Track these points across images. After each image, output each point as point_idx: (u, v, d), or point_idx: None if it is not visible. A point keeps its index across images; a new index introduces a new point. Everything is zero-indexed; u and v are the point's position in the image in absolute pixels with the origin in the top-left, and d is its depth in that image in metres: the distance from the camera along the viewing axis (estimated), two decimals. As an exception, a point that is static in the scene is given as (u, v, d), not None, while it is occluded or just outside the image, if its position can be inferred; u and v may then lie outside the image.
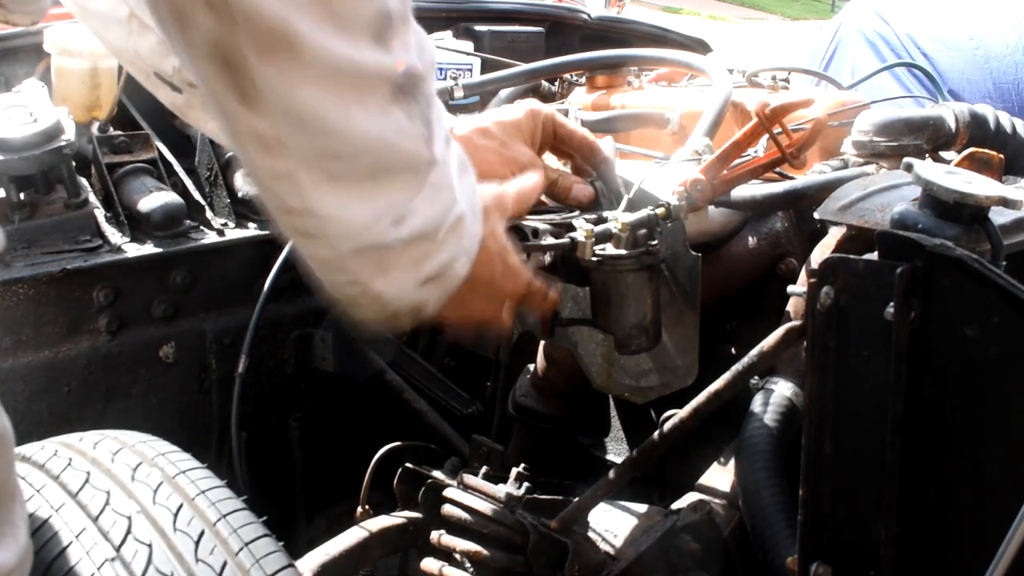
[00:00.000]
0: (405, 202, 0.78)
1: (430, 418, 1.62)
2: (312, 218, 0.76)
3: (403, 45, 0.74)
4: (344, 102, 0.71)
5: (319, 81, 0.70)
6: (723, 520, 1.14)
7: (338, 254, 0.79)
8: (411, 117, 0.76)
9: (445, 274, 0.85)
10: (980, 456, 0.85)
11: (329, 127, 0.72)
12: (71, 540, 0.83)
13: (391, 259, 0.81)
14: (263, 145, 0.73)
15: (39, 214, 1.55)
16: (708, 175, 1.16)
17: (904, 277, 0.84)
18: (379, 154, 0.75)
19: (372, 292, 0.83)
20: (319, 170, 0.74)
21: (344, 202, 0.76)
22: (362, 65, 0.71)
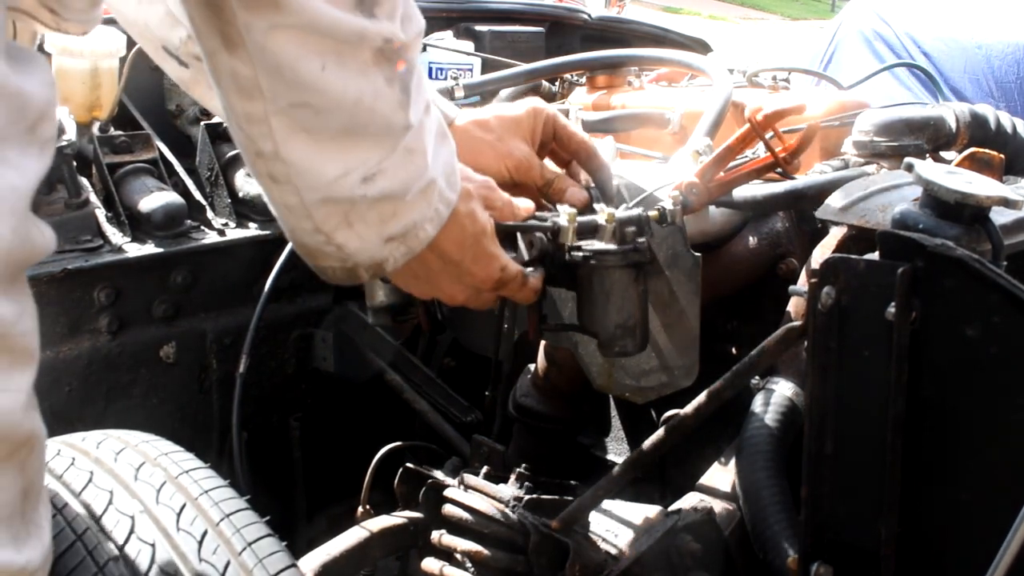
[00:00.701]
0: (377, 162, 0.81)
1: (430, 418, 1.62)
2: (282, 164, 0.79)
3: (387, 14, 0.78)
4: (321, 58, 0.75)
5: (297, 35, 0.74)
6: (723, 520, 1.14)
7: (304, 202, 0.82)
8: (390, 82, 0.79)
9: (409, 234, 0.87)
10: (980, 456, 0.85)
11: (304, 80, 0.75)
12: (74, 540, 0.83)
13: (356, 213, 0.83)
14: (241, 88, 0.76)
15: (39, 214, 1.54)
16: (703, 178, 1.16)
17: (905, 277, 0.84)
18: (354, 113, 0.78)
19: (335, 242, 0.85)
20: (292, 119, 0.77)
21: (315, 153, 0.79)
22: (343, 26, 0.75)
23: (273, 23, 0.73)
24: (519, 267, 1.00)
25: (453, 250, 0.93)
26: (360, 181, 0.81)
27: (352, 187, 0.81)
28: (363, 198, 0.82)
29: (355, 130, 0.80)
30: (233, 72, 0.76)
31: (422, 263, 0.93)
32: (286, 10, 0.72)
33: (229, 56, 0.75)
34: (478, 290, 0.99)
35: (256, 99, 0.76)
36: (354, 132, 0.80)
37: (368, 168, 0.81)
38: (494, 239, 0.97)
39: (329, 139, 0.79)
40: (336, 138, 0.79)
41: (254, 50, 0.74)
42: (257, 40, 0.73)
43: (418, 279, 0.96)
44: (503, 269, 0.98)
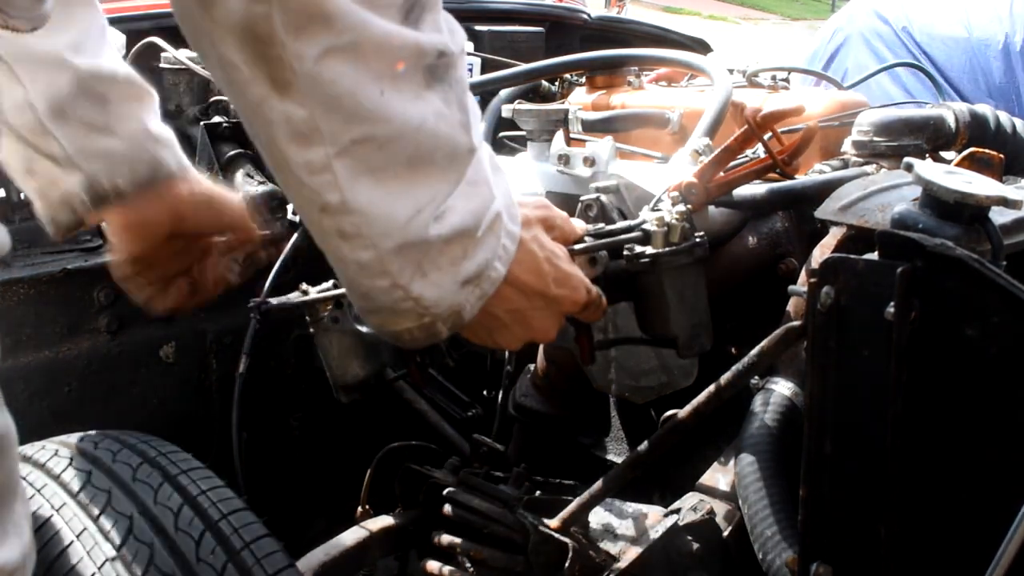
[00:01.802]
0: (445, 195, 0.76)
1: (430, 418, 1.62)
2: (351, 215, 0.73)
3: (434, 26, 0.73)
4: (379, 83, 0.69)
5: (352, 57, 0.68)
6: (723, 520, 1.14)
7: (379, 253, 0.76)
8: (447, 102, 0.74)
9: (483, 275, 0.81)
10: (980, 456, 0.85)
11: (365, 109, 0.70)
12: (72, 540, 0.83)
13: (429, 260, 0.77)
14: (297, 134, 0.71)
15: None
16: (702, 179, 1.16)
17: (904, 277, 0.84)
18: (420, 140, 0.73)
19: (412, 295, 0.78)
20: (356, 160, 0.71)
21: (384, 195, 0.73)
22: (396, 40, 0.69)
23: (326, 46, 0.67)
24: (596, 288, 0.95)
25: (532, 280, 0.87)
26: (432, 220, 0.75)
27: (426, 226, 0.75)
28: (437, 237, 0.76)
29: (421, 161, 0.74)
30: (287, 118, 0.70)
31: (505, 304, 0.86)
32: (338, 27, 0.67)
33: (280, 100, 0.69)
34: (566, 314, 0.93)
35: (315, 143, 0.71)
36: (420, 163, 0.74)
37: (437, 203, 0.75)
38: (569, 260, 0.92)
39: (395, 176, 0.73)
40: (403, 174, 0.73)
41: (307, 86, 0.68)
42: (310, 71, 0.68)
43: (503, 326, 0.89)
44: (588, 289, 0.93)
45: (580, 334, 1.02)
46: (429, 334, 0.83)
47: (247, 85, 0.70)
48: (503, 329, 0.89)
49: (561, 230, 0.94)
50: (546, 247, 0.89)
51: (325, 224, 0.75)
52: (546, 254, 0.88)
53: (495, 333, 0.90)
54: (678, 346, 1.02)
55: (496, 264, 0.82)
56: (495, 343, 0.91)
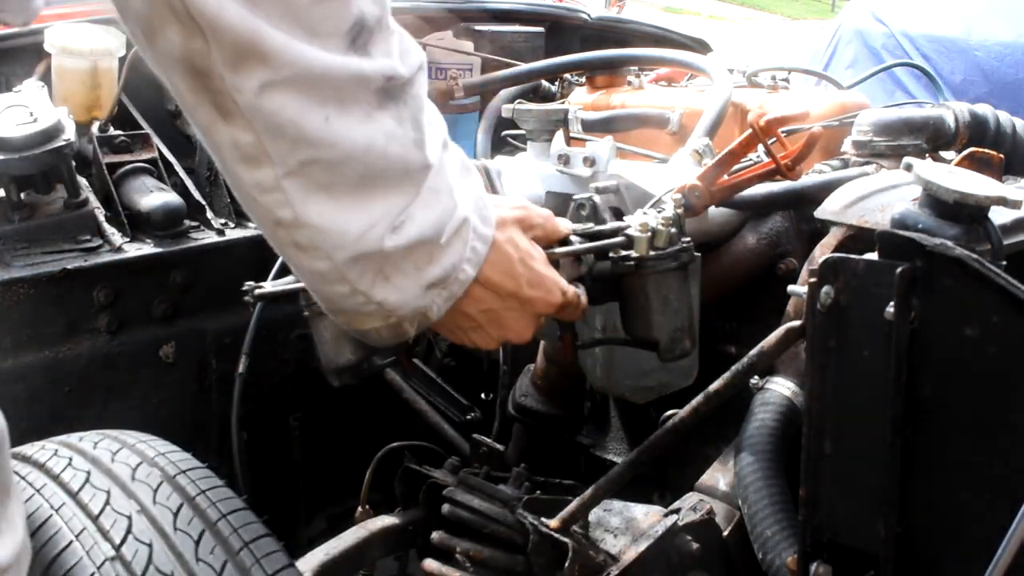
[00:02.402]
0: (401, 208, 0.77)
1: (430, 418, 1.62)
2: (304, 229, 0.75)
3: (383, 51, 0.73)
4: (323, 109, 0.71)
5: (293, 89, 0.69)
6: (723, 520, 1.14)
7: (334, 265, 0.78)
8: (400, 121, 0.75)
9: (449, 278, 0.83)
10: (980, 455, 0.85)
11: (309, 135, 0.71)
12: (71, 540, 0.83)
13: (391, 266, 0.79)
14: (246, 157, 0.72)
15: (39, 214, 1.55)
16: (705, 181, 1.16)
17: (904, 277, 0.84)
18: (369, 161, 0.74)
19: (375, 300, 0.81)
20: (307, 179, 0.73)
21: (337, 211, 0.75)
22: (338, 71, 0.71)
23: (263, 81, 0.68)
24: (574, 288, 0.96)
25: (505, 281, 0.88)
26: (389, 231, 0.77)
27: (380, 239, 0.77)
28: (395, 248, 0.78)
29: (373, 179, 0.75)
30: (234, 142, 0.72)
31: (477, 304, 0.88)
32: (275, 64, 0.68)
33: (226, 126, 0.71)
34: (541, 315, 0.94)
35: (264, 165, 0.72)
36: (372, 181, 0.75)
37: (394, 216, 0.77)
38: (545, 261, 0.93)
39: (348, 193, 0.75)
40: (355, 191, 0.75)
41: (250, 113, 0.70)
42: (250, 102, 0.69)
43: (476, 326, 0.91)
44: (564, 290, 0.93)
45: (563, 332, 1.03)
46: (396, 333, 0.85)
47: (194, 111, 0.72)
48: (477, 329, 0.91)
49: (542, 228, 0.95)
50: (521, 248, 0.90)
51: (280, 236, 0.77)
52: (520, 255, 0.89)
53: (470, 333, 0.92)
54: (659, 350, 1.02)
55: (464, 267, 0.84)
56: (472, 342, 0.93)
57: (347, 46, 0.71)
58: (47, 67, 1.76)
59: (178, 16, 0.66)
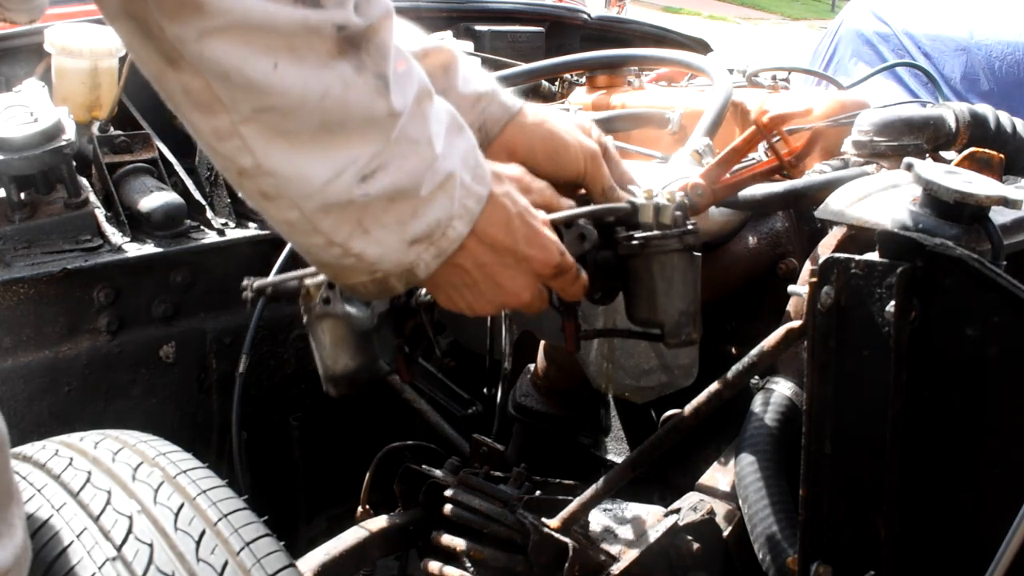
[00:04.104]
0: (370, 156, 0.76)
1: (430, 418, 1.62)
2: (268, 176, 0.75)
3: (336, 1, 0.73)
4: (271, 56, 0.70)
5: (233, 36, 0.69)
6: (723, 520, 1.14)
7: (304, 214, 0.77)
8: (360, 70, 0.75)
9: (435, 234, 0.82)
10: (980, 456, 0.85)
11: (257, 82, 0.71)
12: (72, 540, 0.83)
13: (371, 217, 0.78)
14: (198, 103, 0.72)
15: (39, 214, 1.55)
16: (708, 179, 1.16)
17: (904, 277, 0.84)
18: (326, 108, 0.74)
19: (353, 253, 0.80)
20: (263, 125, 0.73)
21: (299, 158, 0.74)
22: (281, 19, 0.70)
23: (202, 29, 0.68)
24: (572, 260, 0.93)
25: (501, 234, 0.86)
26: (358, 180, 0.76)
27: (349, 188, 0.76)
28: (366, 197, 0.77)
29: (333, 126, 0.75)
30: (185, 88, 0.72)
31: (473, 260, 0.85)
32: (211, 13, 0.68)
33: (175, 73, 0.71)
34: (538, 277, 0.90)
35: (219, 112, 0.72)
36: (333, 128, 0.75)
37: (362, 164, 0.76)
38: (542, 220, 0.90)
39: (309, 140, 0.74)
40: (316, 138, 0.74)
41: (195, 61, 0.70)
42: (193, 50, 0.69)
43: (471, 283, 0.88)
44: (562, 252, 0.91)
45: (566, 320, 1.01)
46: (382, 288, 0.84)
47: (144, 62, 0.72)
48: (471, 288, 0.88)
49: (541, 195, 0.93)
50: (519, 203, 0.88)
51: (246, 186, 0.77)
52: (519, 210, 0.87)
53: (464, 291, 0.89)
54: (664, 333, 1.00)
55: (455, 224, 0.82)
56: (467, 305, 0.90)
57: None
58: (47, 67, 1.76)
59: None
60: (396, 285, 0.84)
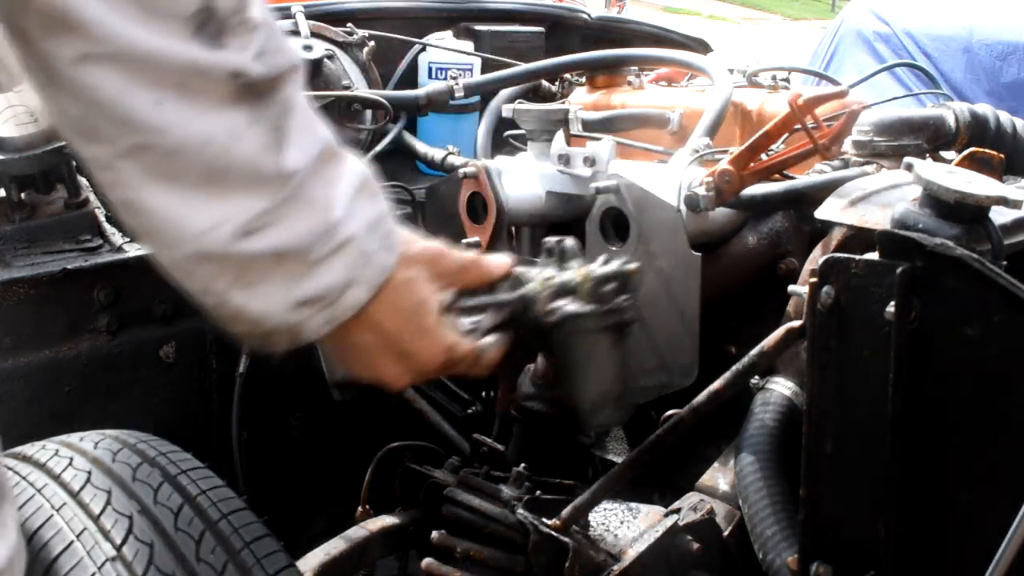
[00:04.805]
0: (257, 212, 0.72)
1: (430, 418, 1.62)
2: (143, 215, 0.71)
3: (238, 45, 0.69)
4: (155, 92, 0.66)
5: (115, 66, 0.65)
6: (723, 520, 1.14)
7: (175, 258, 0.74)
8: (253, 123, 0.71)
9: (328, 298, 0.78)
10: (980, 456, 0.85)
11: (135, 118, 0.67)
12: (72, 540, 0.83)
13: (253, 272, 0.75)
14: (77, 129, 0.69)
15: (39, 214, 1.55)
16: (736, 165, 1.15)
17: (904, 277, 0.84)
18: (208, 156, 0.70)
19: (231, 305, 0.76)
20: (142, 164, 0.69)
21: (179, 202, 0.70)
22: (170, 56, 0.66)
23: (81, 52, 0.64)
24: (471, 344, 0.90)
25: (388, 324, 0.83)
26: (239, 235, 0.72)
27: (228, 242, 0.72)
28: (251, 254, 0.73)
29: (216, 176, 0.70)
30: (63, 111, 0.68)
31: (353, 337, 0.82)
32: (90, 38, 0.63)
33: (55, 91, 0.67)
34: (421, 373, 0.88)
35: (94, 141, 0.68)
36: (216, 178, 0.70)
37: (247, 219, 0.72)
38: (438, 314, 0.87)
39: (189, 186, 0.70)
40: (197, 185, 0.70)
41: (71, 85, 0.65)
42: (67, 73, 0.65)
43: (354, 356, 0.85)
44: (450, 348, 0.88)
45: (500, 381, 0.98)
46: (266, 343, 0.81)
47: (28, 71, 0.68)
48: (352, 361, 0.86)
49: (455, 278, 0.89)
50: (417, 294, 0.85)
51: (124, 217, 0.74)
52: (414, 301, 0.84)
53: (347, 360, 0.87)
54: (579, 413, 0.97)
55: (352, 291, 0.79)
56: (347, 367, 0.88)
57: (190, 32, 0.66)
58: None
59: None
60: (279, 342, 0.80)
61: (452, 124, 1.93)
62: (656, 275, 1.26)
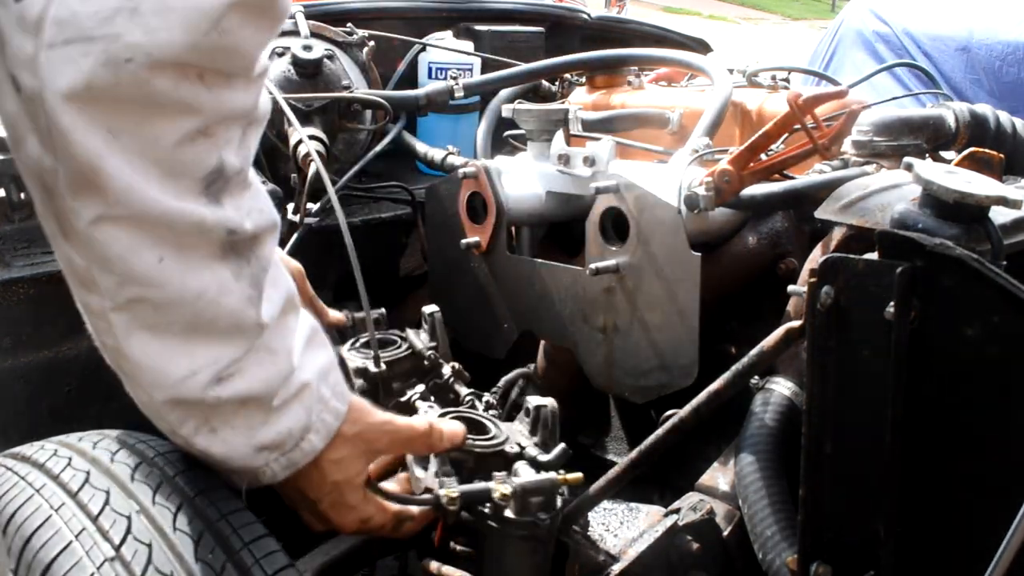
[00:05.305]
0: (230, 361, 0.77)
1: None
2: (126, 362, 0.76)
3: (234, 204, 0.73)
4: (158, 250, 0.71)
5: (127, 226, 0.69)
6: (723, 520, 1.14)
7: (153, 402, 0.78)
8: (238, 277, 0.75)
9: (286, 444, 0.83)
10: (980, 456, 0.85)
11: (138, 273, 0.71)
12: (70, 540, 0.83)
13: (220, 418, 0.79)
14: (78, 279, 0.74)
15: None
16: (736, 165, 1.15)
17: (904, 277, 0.84)
18: (199, 308, 0.74)
19: (196, 448, 0.81)
20: (132, 316, 0.73)
21: (159, 352, 0.75)
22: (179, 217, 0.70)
23: (99, 213, 0.68)
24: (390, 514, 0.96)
25: (310, 490, 0.89)
26: (212, 382, 0.76)
27: (202, 388, 0.76)
28: (217, 400, 0.77)
29: (201, 327, 0.75)
30: (69, 260, 0.73)
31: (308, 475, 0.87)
32: (111, 200, 0.68)
33: (65, 242, 0.72)
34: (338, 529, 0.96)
35: (93, 292, 0.73)
36: (200, 329, 0.75)
37: (219, 368, 0.76)
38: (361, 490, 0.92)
39: (173, 336, 0.74)
40: (181, 335, 0.75)
41: (83, 240, 0.70)
42: (83, 230, 0.69)
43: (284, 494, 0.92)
44: (364, 521, 0.94)
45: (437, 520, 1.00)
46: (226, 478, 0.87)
47: (43, 220, 0.73)
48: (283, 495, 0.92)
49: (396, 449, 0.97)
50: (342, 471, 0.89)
51: (107, 356, 0.79)
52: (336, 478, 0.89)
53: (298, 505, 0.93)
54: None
55: (311, 437, 0.84)
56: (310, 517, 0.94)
57: (200, 191, 0.71)
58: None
59: (40, 130, 0.67)
60: (238, 482, 0.86)
61: (452, 124, 1.93)
62: (656, 275, 1.26)
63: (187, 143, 0.69)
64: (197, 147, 0.69)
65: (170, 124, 0.68)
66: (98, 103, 0.65)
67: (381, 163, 1.77)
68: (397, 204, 1.76)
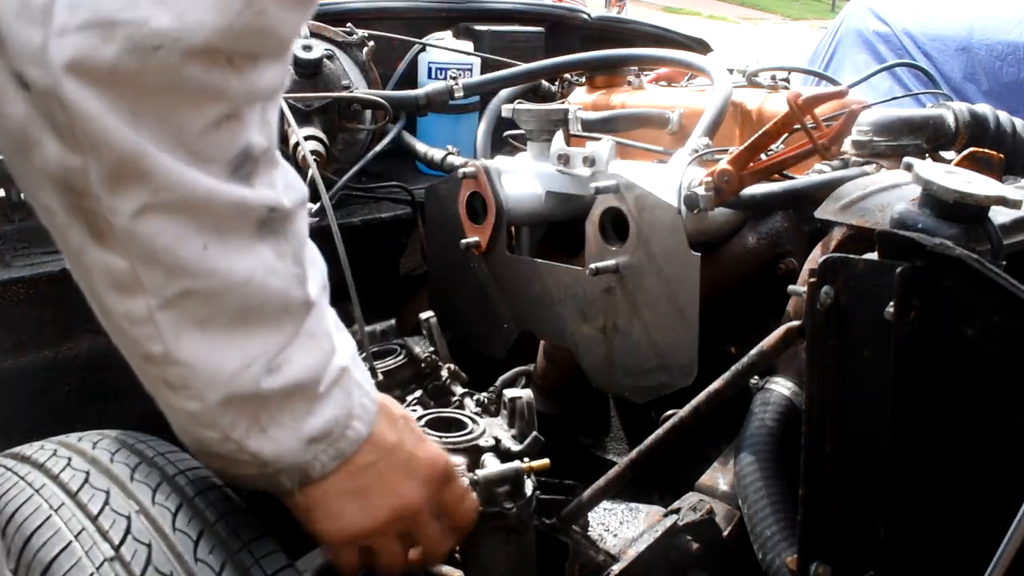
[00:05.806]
0: (279, 348, 0.73)
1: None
2: (175, 366, 0.71)
3: (267, 183, 0.70)
4: (202, 237, 0.67)
5: (172, 213, 0.66)
6: (723, 520, 1.14)
7: (206, 406, 0.73)
8: (280, 256, 0.72)
9: (335, 433, 0.79)
10: (980, 456, 0.85)
11: (187, 264, 0.67)
12: (70, 540, 0.83)
13: (268, 414, 0.75)
14: (118, 284, 0.69)
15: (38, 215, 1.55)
16: (736, 165, 1.15)
17: (904, 277, 0.84)
18: (248, 293, 0.70)
19: (248, 451, 0.76)
20: (181, 312, 0.69)
21: (211, 347, 0.70)
22: (221, 197, 0.67)
23: (142, 203, 0.64)
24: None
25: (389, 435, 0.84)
26: (264, 372, 0.72)
27: (256, 380, 0.72)
28: (270, 391, 0.73)
29: (251, 314, 0.71)
30: (107, 267, 0.68)
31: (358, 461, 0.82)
32: (156, 185, 0.64)
33: (98, 247, 0.67)
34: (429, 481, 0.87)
35: (137, 295, 0.68)
36: (250, 316, 0.71)
37: (271, 356, 0.73)
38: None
39: (223, 328, 0.70)
40: (231, 325, 0.71)
41: (125, 238, 0.65)
42: (124, 226, 0.65)
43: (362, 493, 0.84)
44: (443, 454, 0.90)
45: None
46: (271, 484, 0.81)
47: (65, 232, 0.68)
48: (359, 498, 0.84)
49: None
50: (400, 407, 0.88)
51: (149, 372, 0.74)
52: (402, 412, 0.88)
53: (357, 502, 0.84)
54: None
55: (355, 424, 0.80)
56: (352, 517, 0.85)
57: (230, 172, 0.67)
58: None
59: (59, 130, 0.62)
60: (286, 483, 0.81)
61: (452, 124, 1.93)
62: (656, 275, 1.26)
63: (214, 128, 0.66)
64: (224, 131, 0.66)
65: (198, 111, 0.64)
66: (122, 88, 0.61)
67: (381, 163, 1.77)
68: (397, 204, 1.76)
